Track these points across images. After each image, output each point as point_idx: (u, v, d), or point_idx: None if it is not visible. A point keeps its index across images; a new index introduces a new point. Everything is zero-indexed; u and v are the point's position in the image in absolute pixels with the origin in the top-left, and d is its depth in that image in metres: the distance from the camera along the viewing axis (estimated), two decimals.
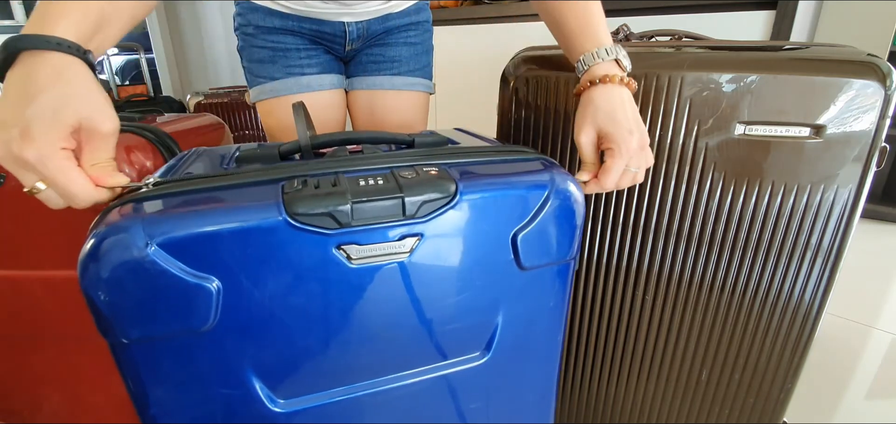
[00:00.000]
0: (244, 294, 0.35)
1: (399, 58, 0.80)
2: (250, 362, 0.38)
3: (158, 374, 0.36)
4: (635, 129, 0.44)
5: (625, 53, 0.47)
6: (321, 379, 0.41)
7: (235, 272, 0.34)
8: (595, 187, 0.46)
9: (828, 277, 0.56)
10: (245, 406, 0.39)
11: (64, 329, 0.66)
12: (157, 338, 0.34)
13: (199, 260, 0.33)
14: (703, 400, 0.67)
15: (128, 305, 0.32)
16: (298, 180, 0.36)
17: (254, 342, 0.37)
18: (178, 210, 0.33)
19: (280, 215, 0.34)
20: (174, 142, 0.65)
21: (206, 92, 2.03)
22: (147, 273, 0.32)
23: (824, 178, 0.52)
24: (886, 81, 0.47)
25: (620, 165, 0.45)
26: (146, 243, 0.31)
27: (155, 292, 0.32)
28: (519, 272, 0.43)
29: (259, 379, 0.39)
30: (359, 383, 0.43)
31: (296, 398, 0.41)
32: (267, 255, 0.34)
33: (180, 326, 0.34)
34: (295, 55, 0.75)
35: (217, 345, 0.36)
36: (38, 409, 0.75)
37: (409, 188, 0.36)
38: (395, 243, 0.37)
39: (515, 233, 0.41)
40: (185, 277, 0.33)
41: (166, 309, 0.33)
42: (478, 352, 0.46)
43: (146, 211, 0.32)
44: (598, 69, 0.46)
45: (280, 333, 0.37)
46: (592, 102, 0.46)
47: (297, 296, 0.36)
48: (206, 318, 0.34)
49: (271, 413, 0.40)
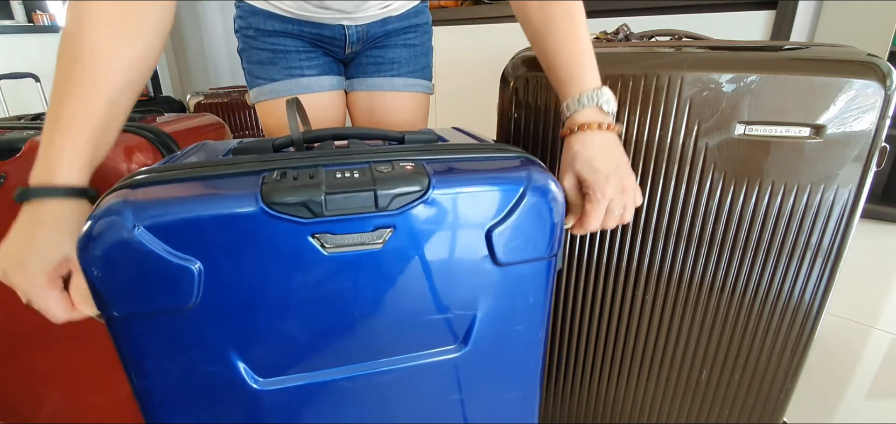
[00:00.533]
0: (225, 276, 0.37)
1: (398, 60, 0.81)
2: (232, 340, 0.40)
3: (148, 348, 0.39)
4: (613, 174, 0.45)
5: (609, 96, 0.47)
6: (299, 361, 0.43)
7: (216, 255, 0.36)
8: (579, 230, 0.48)
9: (828, 277, 0.56)
10: (228, 381, 0.41)
11: (64, 329, 0.66)
12: (146, 314, 0.37)
13: (183, 243, 0.35)
14: (703, 400, 0.67)
15: (118, 282, 0.35)
16: (278, 172, 0.39)
17: (235, 321, 0.39)
18: (164, 196, 0.36)
19: (257, 204, 0.36)
20: (174, 142, 0.65)
21: (206, 92, 2.03)
22: (135, 253, 0.34)
23: (824, 178, 0.52)
24: (886, 81, 0.47)
25: (599, 209, 0.45)
26: (134, 226, 0.34)
27: (142, 271, 0.35)
28: (495, 267, 0.44)
29: (240, 357, 0.41)
30: (337, 366, 0.44)
31: (275, 377, 0.43)
32: (245, 240, 0.37)
33: (165, 303, 0.37)
34: (294, 57, 0.76)
35: (201, 323, 0.39)
36: (38, 409, 0.75)
37: (383, 182, 0.38)
38: (369, 233, 0.39)
39: (490, 228, 0.42)
40: (170, 258, 0.35)
41: (152, 287, 0.36)
42: (454, 345, 0.47)
43: (136, 196, 0.35)
44: (578, 117, 0.47)
45: (259, 314, 0.40)
46: (572, 148, 0.47)
47: (274, 280, 0.39)
48: (188, 297, 0.37)
49: (252, 390, 0.42)
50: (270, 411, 0.44)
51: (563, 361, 0.73)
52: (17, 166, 0.60)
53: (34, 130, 0.64)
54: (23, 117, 0.74)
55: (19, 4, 2.92)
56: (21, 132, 0.63)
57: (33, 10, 3.05)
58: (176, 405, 0.42)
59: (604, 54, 0.57)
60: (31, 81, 2.61)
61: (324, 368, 0.44)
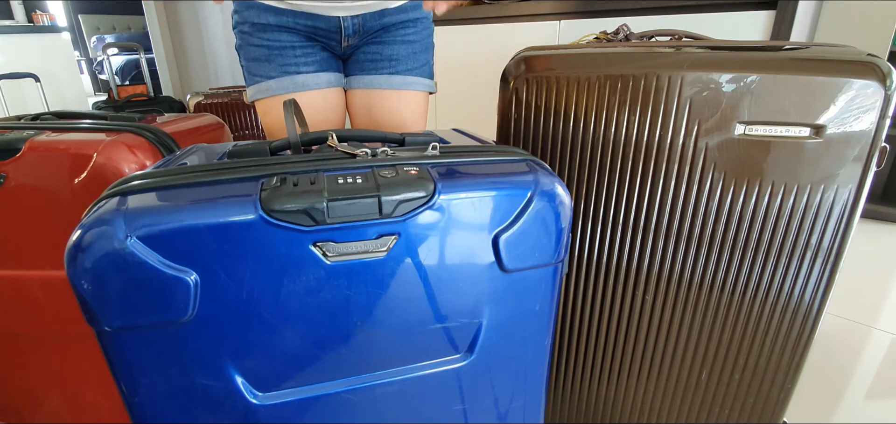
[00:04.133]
0: (222, 288, 0.36)
1: (396, 56, 0.79)
2: (230, 354, 0.38)
3: (141, 363, 0.37)
4: None
5: None
6: (300, 374, 0.41)
7: (213, 265, 0.35)
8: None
9: (828, 277, 0.56)
10: (225, 396, 0.40)
11: (64, 329, 0.67)
12: (139, 328, 0.35)
13: (177, 253, 0.34)
14: (703, 400, 0.67)
15: (110, 295, 0.34)
16: (278, 178, 0.37)
17: (233, 334, 0.38)
18: (157, 204, 0.34)
19: (256, 212, 0.34)
20: (174, 142, 0.65)
21: (206, 92, 2.03)
22: (127, 265, 0.33)
23: (824, 178, 0.52)
24: (886, 81, 0.47)
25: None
26: (126, 236, 0.32)
27: (135, 283, 0.34)
28: (502, 274, 0.43)
29: (239, 371, 0.39)
30: (339, 379, 0.43)
31: (275, 391, 0.41)
32: (244, 250, 0.35)
33: (160, 317, 0.35)
34: (290, 53, 0.74)
35: (197, 337, 0.37)
36: (38, 409, 0.75)
37: (387, 187, 0.36)
38: (373, 241, 0.37)
39: (497, 234, 0.41)
40: (164, 269, 0.34)
41: (146, 300, 0.34)
42: (460, 354, 0.46)
43: (129, 205, 0.34)
44: None
45: (258, 327, 0.38)
46: None
47: (274, 291, 0.37)
48: (184, 310, 0.35)
49: (251, 405, 0.41)
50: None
51: (563, 361, 0.73)
52: (17, 166, 0.60)
53: (34, 130, 0.64)
54: (23, 117, 0.74)
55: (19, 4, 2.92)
56: (21, 132, 0.63)
57: (33, 10, 3.05)
58: (171, 421, 0.40)
59: (604, 54, 0.57)
60: (31, 81, 2.61)
61: (325, 381, 0.42)
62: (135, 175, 0.38)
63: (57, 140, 0.61)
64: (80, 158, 0.59)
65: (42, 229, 0.62)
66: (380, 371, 0.44)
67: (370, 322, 0.41)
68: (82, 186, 0.59)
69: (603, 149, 0.58)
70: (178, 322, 0.36)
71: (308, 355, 0.41)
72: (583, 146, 0.59)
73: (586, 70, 0.56)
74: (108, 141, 0.59)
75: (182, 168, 0.39)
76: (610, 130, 0.57)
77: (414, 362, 0.45)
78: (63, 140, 0.61)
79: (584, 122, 0.58)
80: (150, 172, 0.39)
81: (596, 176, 0.60)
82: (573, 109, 0.58)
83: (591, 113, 0.57)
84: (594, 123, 0.58)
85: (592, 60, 0.56)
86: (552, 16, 1.65)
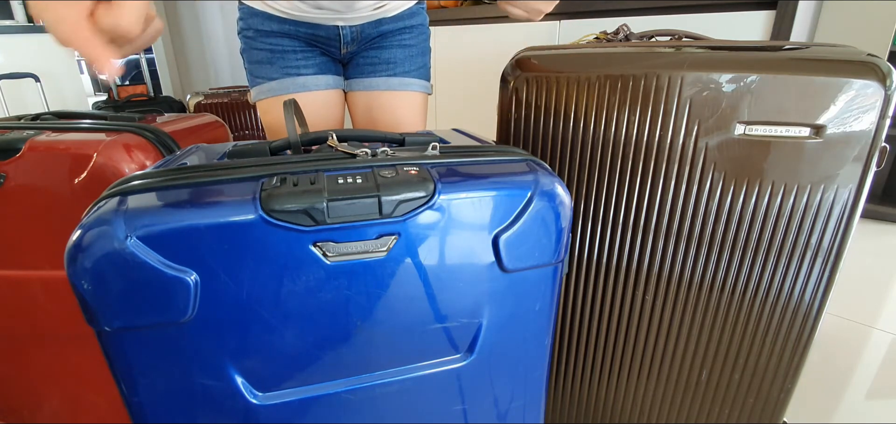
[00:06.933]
0: (222, 288, 0.36)
1: (394, 60, 0.82)
2: (230, 354, 0.39)
3: (141, 363, 0.37)
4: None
5: None
6: (301, 374, 0.42)
7: (213, 265, 0.35)
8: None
9: (828, 277, 0.56)
10: (225, 396, 0.40)
11: (64, 329, 0.67)
12: (139, 328, 0.36)
13: (177, 253, 0.34)
14: (703, 400, 0.67)
15: (110, 295, 0.34)
16: (278, 177, 0.37)
17: (233, 335, 0.38)
18: (157, 204, 0.34)
19: (256, 212, 0.34)
20: (174, 142, 0.65)
21: (206, 92, 2.03)
22: (127, 265, 0.33)
23: (824, 178, 0.52)
24: (886, 81, 0.47)
25: None
26: (126, 236, 0.32)
27: (135, 283, 0.34)
28: (502, 274, 0.43)
29: (238, 371, 0.40)
30: (339, 379, 0.43)
31: (275, 391, 0.42)
32: (244, 250, 0.35)
33: (160, 317, 0.35)
34: (292, 57, 0.78)
35: (197, 337, 0.37)
36: (38, 409, 0.75)
37: (387, 187, 0.36)
38: (373, 241, 0.38)
39: (497, 234, 0.41)
40: (164, 269, 0.34)
41: (146, 300, 0.34)
42: (460, 354, 0.46)
43: (129, 205, 0.34)
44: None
45: (259, 327, 0.38)
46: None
47: (274, 291, 0.37)
48: (184, 310, 0.35)
49: (251, 405, 0.41)
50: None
51: (563, 361, 0.73)
52: (17, 166, 0.60)
53: (34, 130, 0.64)
54: (23, 117, 0.74)
55: (19, 4, 2.92)
56: (21, 132, 0.63)
57: None
58: (171, 421, 0.40)
59: (604, 54, 0.57)
60: (31, 81, 2.61)
61: (325, 381, 0.43)
62: (135, 175, 0.38)
63: (57, 140, 0.61)
64: (80, 158, 0.59)
65: (42, 229, 0.62)
66: (380, 371, 0.44)
67: (370, 322, 0.41)
68: (82, 186, 0.59)
69: (603, 149, 0.58)
70: (178, 322, 0.36)
71: (308, 355, 0.41)
72: (583, 146, 0.59)
73: (586, 70, 0.56)
74: (108, 141, 0.59)
75: (182, 168, 0.39)
76: (610, 130, 0.57)
77: (414, 362, 0.45)
78: (63, 140, 0.61)
79: (583, 122, 0.58)
80: (150, 172, 0.39)
81: (596, 176, 0.60)
82: (573, 109, 0.58)
83: (591, 113, 0.57)
84: (594, 123, 0.58)
85: (592, 59, 0.57)
86: (552, 16, 1.65)
